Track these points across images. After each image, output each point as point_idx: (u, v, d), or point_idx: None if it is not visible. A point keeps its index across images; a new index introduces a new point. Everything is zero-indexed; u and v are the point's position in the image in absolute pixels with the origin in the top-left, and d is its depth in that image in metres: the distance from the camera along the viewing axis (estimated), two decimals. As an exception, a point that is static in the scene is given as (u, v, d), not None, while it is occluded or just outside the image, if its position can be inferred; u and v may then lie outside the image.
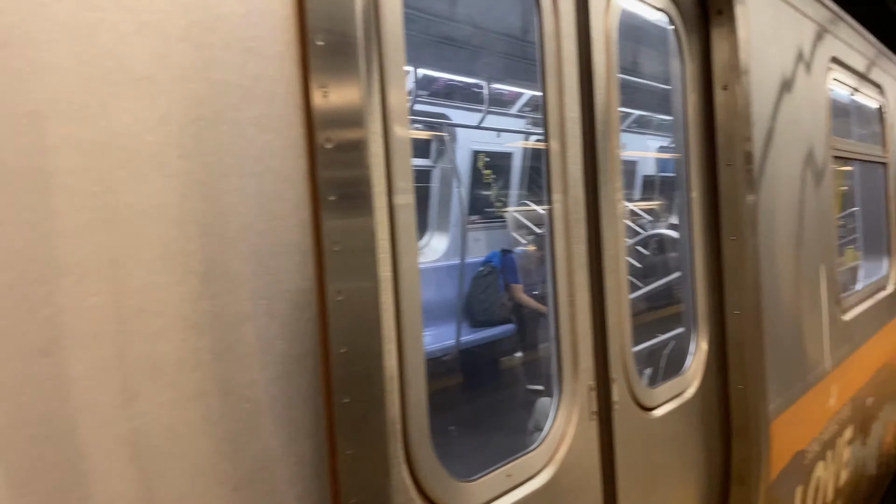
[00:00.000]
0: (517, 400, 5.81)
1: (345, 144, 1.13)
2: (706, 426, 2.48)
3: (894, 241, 5.00)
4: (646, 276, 6.21)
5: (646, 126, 9.34)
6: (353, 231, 1.13)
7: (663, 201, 9.52)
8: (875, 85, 4.65)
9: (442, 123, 6.88)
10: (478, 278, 6.82)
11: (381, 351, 1.18)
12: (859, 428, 4.16)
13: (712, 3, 2.46)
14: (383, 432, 1.18)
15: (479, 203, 7.97)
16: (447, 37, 5.32)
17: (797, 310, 3.10)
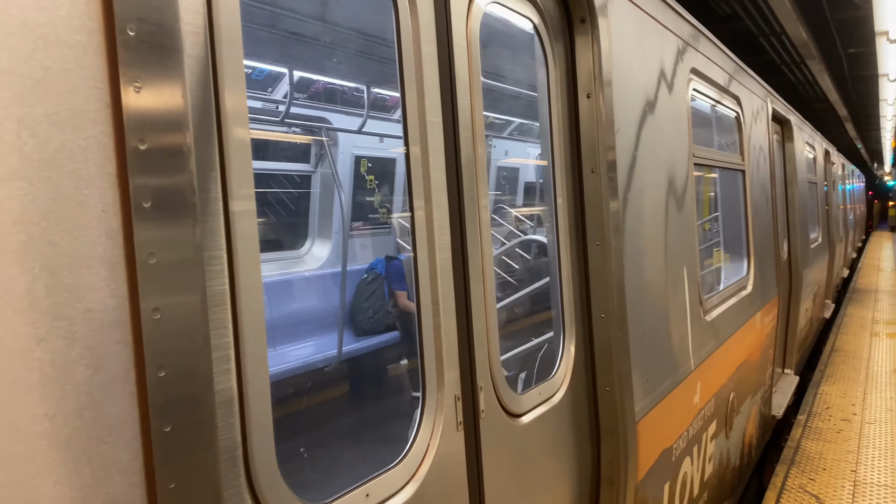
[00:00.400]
0: (402, 409, 5.74)
1: (163, 146, 1.01)
2: (575, 429, 2.50)
3: (752, 244, 5.32)
4: (525, 281, 6.31)
5: (527, 133, 9.53)
6: (172, 242, 1.02)
7: (545, 207, 9.75)
8: (733, 96, 4.92)
9: (321, 127, 6.72)
10: (362, 285, 6.71)
11: (210, 372, 1.07)
12: (723, 422, 4.37)
13: (575, 12, 2.50)
14: (214, 461, 1.07)
15: (362, 209, 7.85)
16: (323, 39, 5.20)
17: (662, 311, 3.20)
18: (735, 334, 4.56)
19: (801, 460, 5.93)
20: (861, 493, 5.28)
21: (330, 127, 6.79)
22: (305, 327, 6.26)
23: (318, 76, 6.21)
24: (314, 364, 5.73)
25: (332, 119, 6.80)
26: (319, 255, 7.30)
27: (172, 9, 1.03)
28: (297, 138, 6.74)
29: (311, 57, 5.63)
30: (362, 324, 6.62)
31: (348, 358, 6.12)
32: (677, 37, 3.58)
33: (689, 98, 3.76)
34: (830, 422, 6.92)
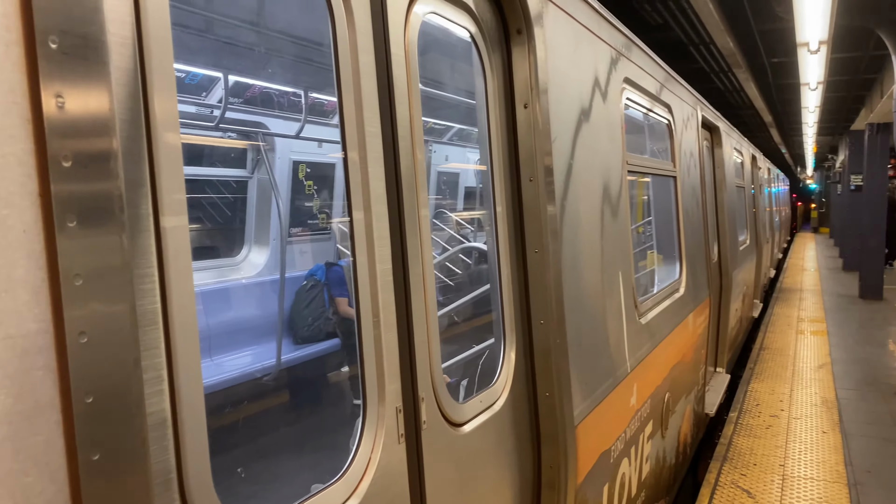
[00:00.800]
0: (344, 419, 5.69)
1: (88, 162, 0.97)
2: (516, 435, 2.52)
3: (684, 248, 5.47)
4: (465, 287, 6.34)
5: (467, 139, 9.59)
6: (100, 261, 0.98)
7: (485, 212, 9.83)
8: (664, 105, 5.06)
9: (258, 132, 6.61)
10: (301, 292, 6.62)
11: (141, 396, 1.03)
12: (658, 422, 4.47)
13: (512, 23, 2.52)
14: (146, 487, 1.04)
15: (301, 214, 7.76)
16: (260, 44, 5.12)
17: (599, 316, 3.26)
18: (669, 336, 4.68)
19: (733, 456, 6.13)
20: (789, 487, 5.49)
21: (267, 132, 6.68)
22: (243, 336, 6.14)
23: (254, 80, 6.10)
24: (252, 374, 5.63)
25: (269, 124, 6.70)
26: (257, 262, 7.18)
27: (98, 20, 0.99)
28: (233, 143, 6.61)
29: (247, 61, 5.54)
30: (302, 332, 6.54)
31: (288, 367, 6.03)
32: (611, 47, 3.66)
33: (622, 107, 3.85)
34: (760, 418, 7.18)
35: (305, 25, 4.55)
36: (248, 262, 7.10)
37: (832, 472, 5.76)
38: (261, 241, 7.19)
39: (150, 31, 1.16)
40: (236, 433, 4.72)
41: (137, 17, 1.14)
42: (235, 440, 4.63)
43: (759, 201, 13.73)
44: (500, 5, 2.50)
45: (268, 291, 6.89)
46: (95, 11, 0.99)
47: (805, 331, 11.70)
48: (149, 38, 1.16)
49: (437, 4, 2.16)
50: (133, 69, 1.11)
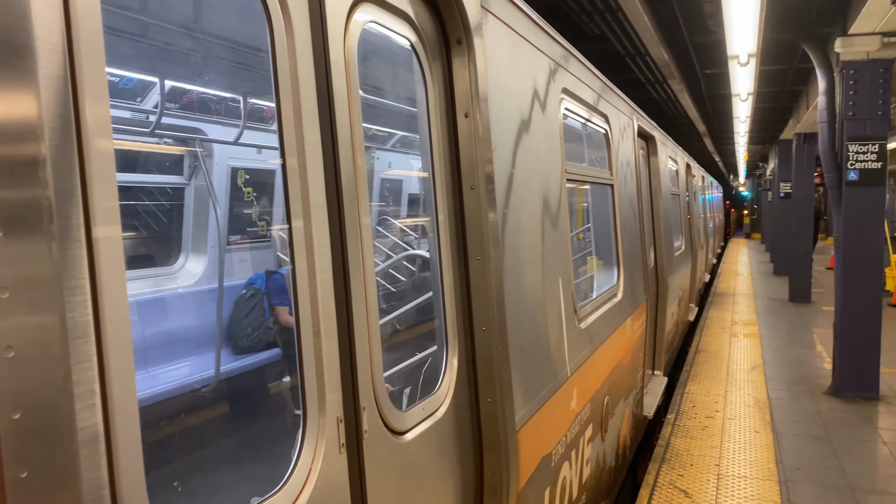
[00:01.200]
0: (285, 429, 5.61)
1: (15, 171, 0.94)
2: (459, 442, 2.53)
3: (622, 254, 5.60)
4: (412, 294, 6.33)
5: (410, 146, 9.60)
6: (28, 274, 0.95)
7: (428, 219, 9.84)
8: (601, 115, 5.17)
9: (195, 138, 6.47)
10: (240, 301, 6.50)
11: (72, 410, 1.00)
12: (598, 425, 4.55)
13: (452, 33, 2.54)
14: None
15: (240, 222, 7.63)
16: (198, 49, 5.02)
17: (540, 321, 3.31)
18: (608, 340, 4.77)
19: (671, 457, 6.29)
20: (724, 485, 5.66)
21: (204, 138, 6.55)
22: (180, 347, 5.98)
23: (191, 86, 5.98)
24: (189, 386, 5.49)
25: (207, 129, 6.57)
26: (194, 271, 7.02)
27: (25, 26, 0.96)
28: (170, 150, 6.46)
29: (184, 66, 5.42)
30: (241, 342, 6.42)
31: (227, 378, 5.91)
32: (549, 58, 3.72)
33: (561, 116, 3.92)
34: (696, 419, 7.38)
35: (244, 30, 4.49)
36: (185, 271, 6.94)
37: (764, 470, 5.96)
38: (198, 250, 7.03)
39: (80, 37, 1.13)
40: (173, 446, 4.60)
41: (67, 22, 1.11)
42: (172, 453, 4.51)
43: (694, 208, 14.14)
44: (440, 15, 2.52)
45: (206, 301, 6.74)
46: (22, 18, 0.96)
47: (738, 334, 12.10)
48: (79, 43, 1.13)
49: (377, 13, 2.16)
50: (63, 75, 1.08)
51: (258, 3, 1.68)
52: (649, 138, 7.95)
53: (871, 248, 8.04)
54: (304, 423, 1.73)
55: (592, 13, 7.53)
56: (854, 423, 7.25)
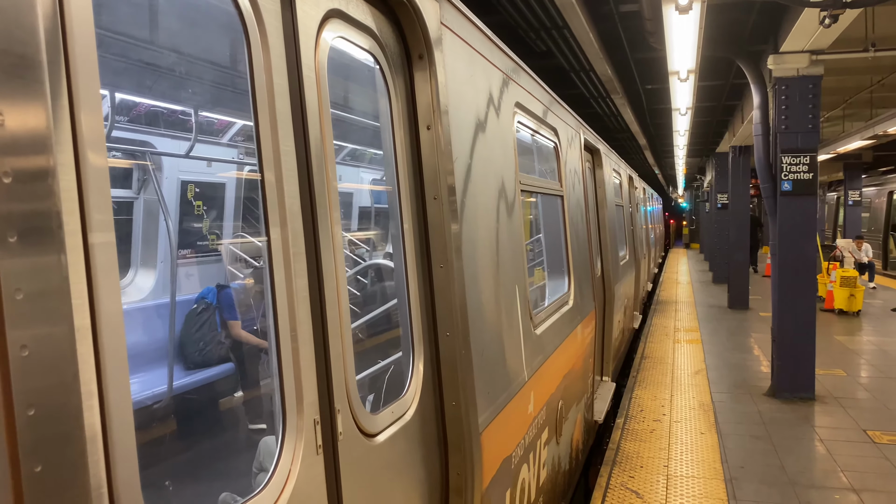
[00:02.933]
0: (240, 442, 5.56)
1: (28, 178, 0.99)
2: (425, 444, 2.60)
3: (571, 263, 5.76)
4: (366, 305, 6.37)
5: (360, 159, 9.64)
6: (40, 276, 0.99)
7: (379, 232, 9.89)
8: (551, 128, 5.34)
9: (145, 152, 6.40)
10: (191, 316, 6.42)
11: (80, 409, 1.05)
12: (553, 429, 4.68)
13: (414, 49, 2.64)
14: (87, 500, 1.05)
15: (191, 236, 7.54)
16: (150, 63, 4.99)
17: (499, 327, 3.41)
18: (560, 346, 4.91)
19: (622, 460, 6.47)
20: (673, 485, 5.85)
21: (154, 151, 6.48)
22: (130, 364, 5.87)
23: (142, 99, 5.92)
24: (141, 402, 5.40)
25: (156, 143, 6.50)
26: (143, 286, 6.92)
27: (34, 41, 1.01)
28: (118, 163, 6.36)
29: (134, 80, 5.37)
30: (193, 357, 6.34)
31: (179, 394, 5.82)
32: (503, 72, 3.85)
33: (514, 129, 4.05)
34: (644, 423, 7.60)
35: (201, 45, 4.49)
36: (134, 286, 6.83)
37: (710, 470, 6.18)
38: (147, 264, 6.93)
39: (76, 52, 1.18)
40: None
41: (65, 38, 1.16)
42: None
43: (637, 219, 14.55)
44: (403, 31, 2.61)
45: (155, 316, 6.64)
46: (33, 33, 1.01)
47: (681, 340, 12.47)
48: (76, 59, 1.18)
49: (345, 29, 2.24)
50: (62, 88, 1.13)
51: (235, 19, 1.74)
52: (595, 151, 8.19)
53: (805, 255, 8.44)
54: (284, 424, 1.78)
55: (539, 29, 7.75)
56: (793, 423, 7.58)
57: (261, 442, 3.19)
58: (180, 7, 3.96)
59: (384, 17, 2.51)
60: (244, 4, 1.72)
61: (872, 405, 8.21)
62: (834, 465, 6.29)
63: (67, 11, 1.16)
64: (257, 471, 3.04)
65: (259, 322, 6.17)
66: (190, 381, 6.07)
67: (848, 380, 9.41)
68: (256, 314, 6.23)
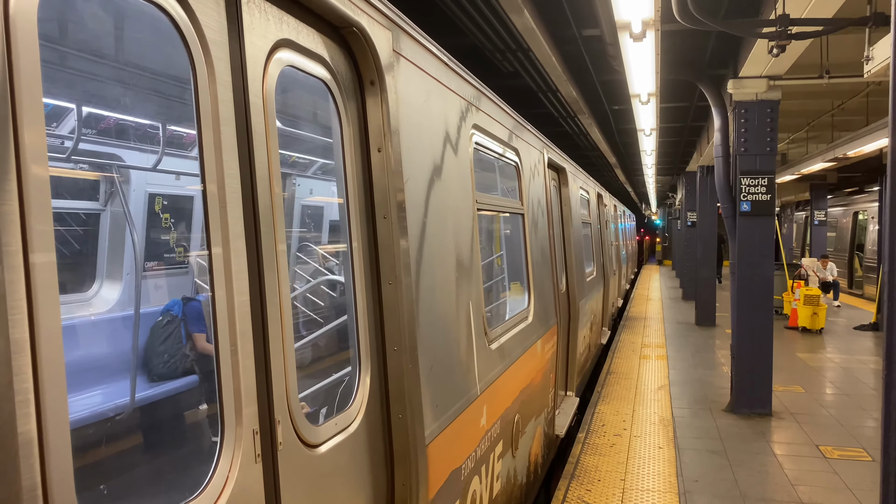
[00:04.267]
0: (201, 454, 5.59)
1: None
2: (371, 455, 2.70)
3: (532, 279, 5.89)
4: (328, 317, 6.44)
5: (331, 173, 9.73)
6: None
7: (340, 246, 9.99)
8: (512, 148, 5.48)
9: (112, 164, 6.44)
10: (157, 328, 6.45)
11: (13, 415, 1.14)
12: (509, 442, 4.78)
13: (365, 75, 2.76)
14: (18, 500, 1.14)
15: (157, 248, 7.57)
16: (115, 77, 5.07)
17: (450, 342, 3.52)
18: (518, 361, 5.02)
19: (580, 474, 6.59)
20: (629, 499, 5.97)
21: (122, 164, 6.53)
22: (93, 375, 5.89)
23: (109, 112, 5.97)
24: (104, 413, 5.42)
25: (124, 156, 6.55)
26: (109, 298, 6.93)
27: None
28: (86, 175, 6.40)
29: (102, 93, 5.44)
30: (157, 368, 6.36)
31: (142, 406, 5.84)
32: (460, 97, 3.99)
33: (472, 150, 4.18)
34: (605, 437, 7.74)
35: (165, 62, 4.58)
36: (100, 298, 6.84)
37: (666, 483, 6.33)
38: (113, 276, 6.95)
39: (20, 65, 1.27)
40: (84, 473, 4.55)
41: (8, 48, 1.24)
42: (84, 479, 4.46)
43: (606, 236, 14.77)
44: (355, 59, 2.73)
45: (120, 328, 6.66)
46: None
47: (648, 356, 12.67)
48: (19, 71, 1.26)
49: (295, 58, 2.35)
50: (4, 102, 1.22)
51: (182, 50, 1.84)
52: (560, 170, 8.37)
53: (763, 273, 8.68)
54: (222, 434, 1.87)
55: (505, 51, 7.92)
56: (749, 438, 7.76)
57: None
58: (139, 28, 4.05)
59: (336, 45, 2.62)
60: (190, 35, 1.83)
61: (827, 421, 8.44)
62: (785, 479, 6.47)
63: (12, 25, 1.25)
64: None
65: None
66: (153, 392, 6.09)
67: (805, 396, 9.64)
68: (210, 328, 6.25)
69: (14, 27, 1.27)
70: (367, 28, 2.66)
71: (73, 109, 5.45)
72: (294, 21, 2.34)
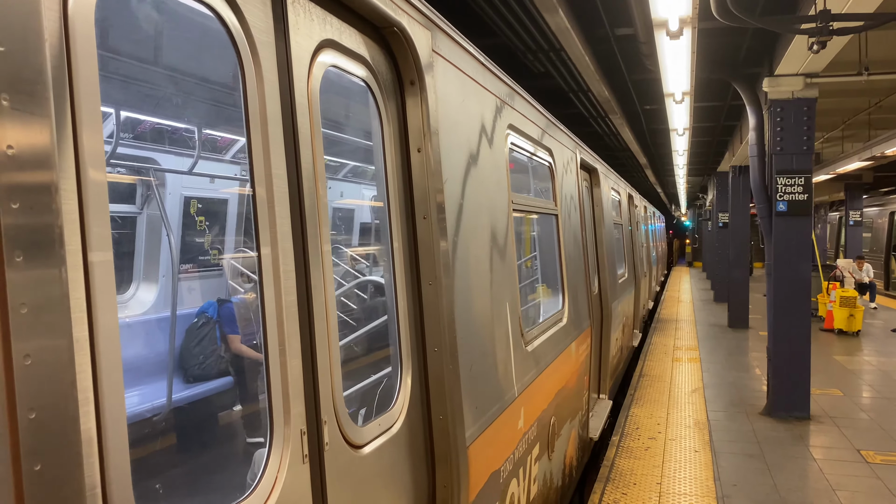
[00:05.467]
0: (237, 455, 5.63)
1: (34, 202, 1.10)
2: (412, 456, 2.69)
3: (566, 281, 5.85)
4: (364, 319, 6.45)
5: (361, 176, 9.76)
6: (42, 292, 1.10)
7: (380, 247, 10.01)
8: (546, 148, 5.45)
9: (149, 168, 6.54)
10: (192, 330, 6.52)
11: (76, 413, 1.15)
12: (545, 445, 4.75)
13: (406, 75, 2.76)
14: (81, 498, 1.15)
15: (192, 250, 7.66)
16: (154, 82, 5.13)
17: (488, 343, 3.50)
18: (553, 363, 4.98)
19: (615, 477, 6.51)
20: (665, 503, 5.89)
21: (158, 168, 6.62)
22: (130, 376, 5.97)
23: (146, 116, 6.06)
24: (141, 414, 5.49)
25: (160, 160, 6.64)
26: (145, 300, 7.02)
27: (43, 79, 1.12)
28: (123, 178, 6.50)
29: (139, 97, 5.51)
30: (193, 370, 6.43)
31: (178, 406, 5.91)
32: (495, 96, 3.97)
33: (507, 151, 4.16)
34: (640, 441, 7.65)
35: (203, 67, 4.63)
36: (136, 300, 6.94)
37: (703, 488, 6.23)
38: (150, 278, 7.05)
39: (80, 72, 1.28)
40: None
41: (69, 57, 1.26)
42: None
43: (637, 237, 14.63)
44: (395, 59, 2.73)
45: (156, 329, 6.75)
46: (40, 72, 1.12)
47: (681, 358, 12.52)
48: (79, 79, 1.28)
49: (338, 58, 2.35)
50: (66, 115, 1.24)
51: (231, 50, 1.85)
52: (592, 170, 8.30)
53: (800, 274, 8.52)
54: (271, 434, 1.88)
55: (537, 52, 7.89)
56: (787, 442, 7.62)
57: (256, 454, 3.28)
58: (181, 31, 4.09)
59: (377, 45, 2.62)
60: (238, 36, 1.84)
61: (867, 425, 8.25)
62: (826, 485, 6.34)
63: (72, 31, 1.27)
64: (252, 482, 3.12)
65: (258, 336, 6.25)
66: (189, 394, 6.16)
67: (844, 399, 9.45)
68: (256, 328, 6.30)
69: (73, 28, 1.28)
70: (407, 28, 2.65)
71: (110, 114, 5.53)
72: (337, 21, 2.34)
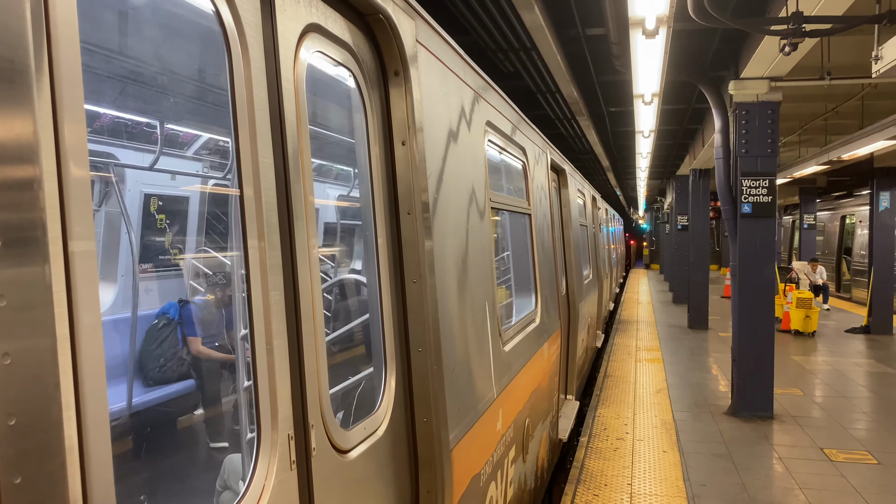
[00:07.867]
0: (200, 460, 5.44)
1: (13, 186, 0.97)
2: (396, 460, 2.58)
3: (538, 280, 5.80)
4: (336, 320, 6.30)
5: (326, 175, 9.58)
6: (23, 284, 0.97)
7: (345, 248, 9.82)
8: (519, 147, 5.39)
9: (108, 163, 6.28)
10: (152, 332, 6.29)
11: (60, 419, 1.02)
12: (520, 447, 4.68)
13: (390, 65, 2.65)
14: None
15: (152, 250, 7.40)
16: (115, 73, 4.91)
17: (469, 344, 3.41)
18: (528, 363, 4.92)
19: (586, 478, 6.49)
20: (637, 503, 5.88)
21: (117, 163, 6.37)
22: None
23: (106, 110, 5.81)
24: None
25: (119, 155, 6.39)
26: (103, 300, 6.76)
27: (23, 44, 0.99)
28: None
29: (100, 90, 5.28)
30: (153, 373, 6.20)
31: (138, 410, 5.69)
32: (474, 91, 3.89)
33: (485, 147, 4.08)
34: (608, 441, 7.65)
35: (172, 56, 4.43)
36: (94, 300, 6.68)
37: (673, 488, 6.24)
38: (107, 278, 6.78)
39: (61, 62, 1.16)
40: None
41: (49, 44, 1.14)
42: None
43: (600, 239, 14.73)
44: (379, 48, 2.62)
45: (113, 331, 6.50)
46: (21, 37, 0.99)
47: (643, 359, 12.61)
48: (60, 68, 1.16)
49: (323, 44, 2.24)
50: (45, 97, 1.11)
51: (217, 31, 1.73)
52: (560, 171, 8.29)
53: (764, 276, 8.63)
54: (259, 439, 1.75)
55: (508, 51, 7.84)
56: (753, 441, 7.70)
57: (225, 460, 3.13)
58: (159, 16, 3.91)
59: (361, 33, 2.52)
60: (226, 16, 1.72)
61: (828, 424, 8.40)
62: (792, 483, 6.41)
63: (53, 17, 1.14)
64: (221, 489, 2.98)
65: (222, 338, 6.08)
66: (149, 397, 5.94)
67: (805, 399, 9.61)
68: (219, 330, 6.13)
69: (55, 20, 1.16)
70: (392, 16, 2.55)
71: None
72: (322, 5, 2.23)
